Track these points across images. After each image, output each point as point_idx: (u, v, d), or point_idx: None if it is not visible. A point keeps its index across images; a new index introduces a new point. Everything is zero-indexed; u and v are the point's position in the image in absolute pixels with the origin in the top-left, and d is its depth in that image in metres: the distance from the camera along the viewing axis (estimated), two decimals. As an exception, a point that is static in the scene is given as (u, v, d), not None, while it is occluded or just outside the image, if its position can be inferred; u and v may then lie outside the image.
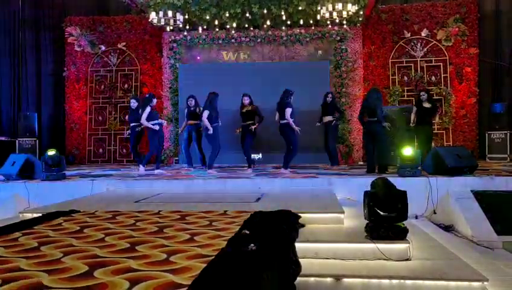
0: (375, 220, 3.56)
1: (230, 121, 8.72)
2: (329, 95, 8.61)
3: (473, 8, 10.28)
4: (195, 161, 8.70)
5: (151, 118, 7.67)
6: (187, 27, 10.43)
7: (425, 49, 10.41)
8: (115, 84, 11.18)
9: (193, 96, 8.45)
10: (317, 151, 9.08)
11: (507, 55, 10.42)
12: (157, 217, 4.12)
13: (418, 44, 10.43)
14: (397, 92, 10.34)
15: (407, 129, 8.69)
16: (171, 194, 5.98)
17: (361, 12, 9.65)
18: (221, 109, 8.01)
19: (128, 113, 8.67)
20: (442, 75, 10.36)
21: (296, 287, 2.95)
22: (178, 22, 9.43)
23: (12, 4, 11.44)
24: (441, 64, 10.36)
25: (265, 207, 4.47)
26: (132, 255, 2.76)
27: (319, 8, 9.23)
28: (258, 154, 9.49)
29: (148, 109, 7.62)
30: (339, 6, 8.64)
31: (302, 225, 4.06)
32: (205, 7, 9.88)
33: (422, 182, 6.08)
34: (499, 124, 9.62)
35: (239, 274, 2.32)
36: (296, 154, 7.68)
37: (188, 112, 8.49)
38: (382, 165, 7.15)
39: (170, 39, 10.69)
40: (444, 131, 10.24)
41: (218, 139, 7.70)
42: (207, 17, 10.05)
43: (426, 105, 8.15)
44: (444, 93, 10.18)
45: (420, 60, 10.46)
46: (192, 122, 8.41)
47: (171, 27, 9.82)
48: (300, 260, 3.25)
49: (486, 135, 9.76)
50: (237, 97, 8.22)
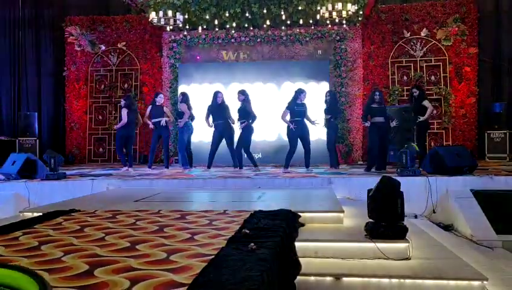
0: (377, 218, 3.57)
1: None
2: (327, 94, 8.53)
3: (473, 7, 10.27)
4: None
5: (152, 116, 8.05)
6: (187, 27, 10.43)
7: (425, 49, 10.41)
8: (115, 84, 11.18)
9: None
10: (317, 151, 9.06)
11: (506, 54, 10.43)
12: (157, 216, 4.12)
13: (418, 44, 10.43)
14: (397, 92, 10.34)
15: (407, 129, 8.70)
16: (171, 193, 5.98)
17: (361, 12, 9.66)
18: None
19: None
20: (441, 75, 10.35)
21: (296, 286, 2.96)
22: (178, 21, 9.42)
23: (12, 3, 11.44)
24: (441, 63, 10.36)
25: (265, 206, 4.47)
26: (132, 254, 2.76)
27: (318, 7, 9.23)
28: (258, 154, 9.48)
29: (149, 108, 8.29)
30: (339, 6, 8.63)
31: (302, 224, 4.07)
32: (205, 7, 9.88)
33: (422, 182, 6.09)
34: (498, 123, 9.62)
35: (239, 273, 2.33)
36: (292, 153, 7.71)
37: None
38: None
39: (170, 39, 10.69)
40: (443, 130, 10.25)
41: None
42: (207, 17, 10.05)
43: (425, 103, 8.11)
44: (443, 93, 10.19)
45: (420, 60, 10.45)
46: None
47: (171, 27, 9.81)
48: (300, 259, 3.26)
49: (486, 134, 9.76)
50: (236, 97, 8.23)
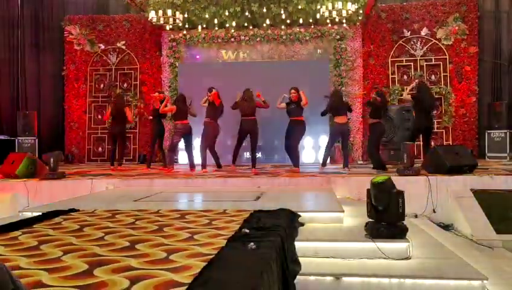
0: (377, 218, 3.57)
1: (231, 119, 8.69)
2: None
3: (473, 7, 10.26)
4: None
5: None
6: (186, 26, 10.41)
7: (425, 48, 10.40)
8: (114, 83, 11.16)
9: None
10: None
11: (506, 54, 10.42)
12: (156, 215, 4.12)
13: (418, 43, 10.42)
14: (397, 91, 10.33)
15: (407, 128, 8.70)
16: (170, 193, 5.97)
17: (361, 11, 9.63)
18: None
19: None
20: (442, 74, 10.34)
21: (296, 286, 2.95)
22: (177, 20, 9.41)
23: (12, 3, 11.42)
24: (441, 63, 10.35)
25: (265, 206, 4.47)
26: (132, 254, 2.75)
27: (318, 7, 9.22)
28: (258, 154, 9.42)
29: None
30: (339, 5, 8.61)
31: (302, 224, 4.06)
32: (205, 6, 9.86)
33: (422, 181, 6.08)
34: (498, 123, 9.61)
35: (239, 273, 2.32)
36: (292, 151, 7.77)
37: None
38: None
39: (169, 38, 10.66)
40: (443, 130, 10.24)
41: None
42: (206, 16, 10.04)
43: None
44: (443, 92, 10.18)
45: (420, 59, 10.44)
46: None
47: (171, 26, 9.79)
48: (300, 258, 3.25)
49: (486, 133, 9.76)
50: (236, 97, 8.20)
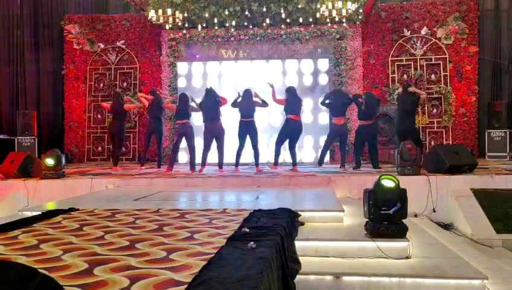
0: (375, 218, 3.56)
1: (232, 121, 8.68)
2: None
3: (473, 6, 10.25)
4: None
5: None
6: (186, 25, 10.40)
7: (425, 48, 10.39)
8: (113, 82, 11.15)
9: None
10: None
11: (507, 53, 10.42)
12: (156, 215, 4.11)
13: (418, 42, 10.41)
14: (397, 91, 10.31)
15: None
16: (170, 192, 5.97)
17: (361, 11, 9.63)
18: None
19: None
20: (442, 74, 10.34)
21: (296, 285, 2.95)
22: (177, 20, 9.40)
23: (12, 2, 11.41)
24: (441, 62, 10.34)
25: (265, 205, 4.47)
26: (132, 253, 2.75)
27: (318, 6, 9.20)
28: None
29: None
30: (339, 4, 8.59)
31: (302, 223, 4.07)
32: (204, 5, 9.85)
33: (422, 181, 6.08)
34: (498, 122, 9.61)
35: (238, 272, 2.32)
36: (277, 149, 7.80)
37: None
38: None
39: (169, 37, 10.65)
40: (443, 129, 10.23)
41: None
42: (206, 15, 10.03)
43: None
44: (443, 92, 10.17)
45: (420, 58, 10.42)
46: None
47: (170, 25, 9.78)
48: (300, 258, 3.26)
49: (486, 133, 9.75)
50: (236, 95, 8.19)
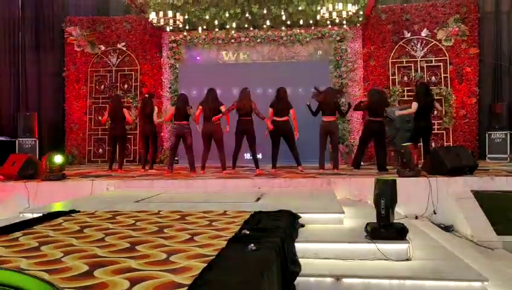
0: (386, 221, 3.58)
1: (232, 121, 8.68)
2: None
3: (473, 8, 10.26)
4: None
5: None
6: (187, 27, 10.42)
7: (426, 49, 10.40)
8: (114, 84, 11.17)
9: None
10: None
11: (507, 55, 10.42)
12: (157, 217, 4.12)
13: (418, 44, 10.42)
14: (397, 92, 10.34)
15: (407, 129, 8.68)
16: (171, 194, 5.98)
17: (361, 13, 9.64)
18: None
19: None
20: (442, 75, 10.34)
21: (296, 287, 2.95)
22: (178, 22, 9.42)
23: (12, 4, 11.44)
24: (441, 64, 10.35)
25: (265, 207, 4.47)
26: (132, 255, 2.76)
27: (318, 8, 9.22)
28: (259, 154, 9.40)
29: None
30: (339, 6, 8.62)
31: (302, 225, 4.06)
32: (205, 7, 9.87)
33: (422, 182, 6.08)
34: (499, 124, 9.61)
35: (239, 274, 2.32)
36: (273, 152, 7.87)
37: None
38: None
39: (170, 39, 10.68)
40: (444, 131, 10.23)
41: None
42: (207, 17, 10.04)
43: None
44: (444, 94, 10.18)
45: (420, 60, 10.44)
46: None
47: (171, 27, 9.80)
48: (300, 260, 3.26)
49: (487, 135, 9.75)
50: (236, 98, 8.18)
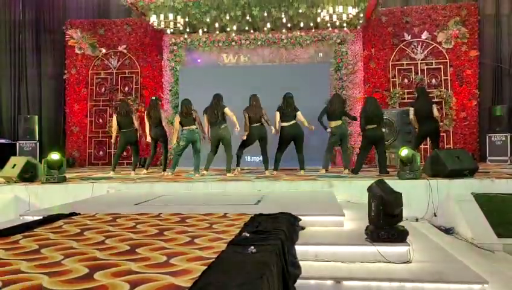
0: (380, 222, 3.56)
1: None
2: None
3: (473, 10, 10.29)
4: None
5: None
6: (187, 30, 10.44)
7: (426, 52, 10.42)
8: (115, 87, 11.19)
9: None
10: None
11: (507, 57, 10.44)
12: (157, 219, 4.12)
13: (419, 46, 10.44)
14: (397, 95, 10.35)
15: (408, 132, 8.70)
16: (171, 196, 5.97)
17: (362, 15, 9.66)
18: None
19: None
20: (442, 78, 10.36)
21: (296, 290, 2.95)
22: (178, 24, 9.45)
23: (13, 7, 11.48)
24: (442, 66, 10.37)
25: (266, 210, 4.46)
26: (132, 258, 2.75)
27: (319, 10, 9.23)
28: (259, 157, 9.40)
29: None
30: (339, 9, 8.64)
31: (302, 228, 4.06)
32: (205, 10, 9.89)
33: (423, 185, 6.08)
34: (499, 126, 9.62)
35: (239, 277, 2.32)
36: (277, 156, 7.86)
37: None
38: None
39: (170, 42, 10.70)
40: (444, 133, 10.23)
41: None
42: (207, 20, 10.06)
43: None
44: (444, 96, 10.18)
45: (420, 63, 10.46)
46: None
47: (172, 30, 9.83)
48: (300, 262, 3.25)
49: (487, 137, 9.75)
50: (237, 100, 8.20)
